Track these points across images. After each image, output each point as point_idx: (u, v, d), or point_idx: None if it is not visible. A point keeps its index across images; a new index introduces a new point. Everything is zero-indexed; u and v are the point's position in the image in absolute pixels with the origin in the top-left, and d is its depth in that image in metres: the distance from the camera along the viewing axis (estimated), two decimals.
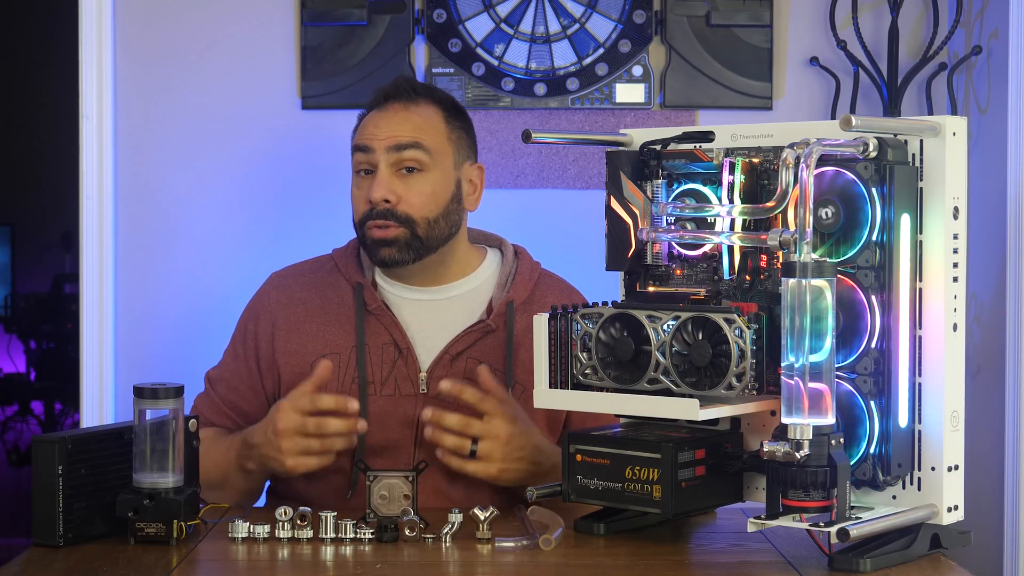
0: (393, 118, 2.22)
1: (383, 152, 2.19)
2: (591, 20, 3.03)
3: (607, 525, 1.91)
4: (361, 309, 2.22)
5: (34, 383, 6.97)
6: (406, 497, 1.89)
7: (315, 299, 2.26)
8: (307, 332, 2.24)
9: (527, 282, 2.26)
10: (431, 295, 2.26)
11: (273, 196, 3.06)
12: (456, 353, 2.20)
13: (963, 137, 1.77)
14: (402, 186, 2.19)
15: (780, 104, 3.06)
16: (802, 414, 1.67)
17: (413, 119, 2.22)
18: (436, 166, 2.21)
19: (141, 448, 1.86)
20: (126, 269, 3.05)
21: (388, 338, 2.21)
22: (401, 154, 2.19)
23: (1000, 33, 2.85)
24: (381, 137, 2.20)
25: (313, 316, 2.25)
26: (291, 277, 2.31)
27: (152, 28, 3.05)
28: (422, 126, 2.21)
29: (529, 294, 2.26)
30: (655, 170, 1.92)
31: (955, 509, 1.77)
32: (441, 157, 2.22)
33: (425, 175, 2.20)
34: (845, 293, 1.76)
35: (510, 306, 2.22)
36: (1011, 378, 2.70)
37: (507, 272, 2.28)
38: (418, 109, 2.23)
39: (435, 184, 2.21)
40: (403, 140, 2.19)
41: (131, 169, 3.06)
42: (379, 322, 2.22)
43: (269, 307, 2.28)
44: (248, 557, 1.81)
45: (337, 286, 2.27)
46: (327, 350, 2.22)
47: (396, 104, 2.23)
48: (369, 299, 2.23)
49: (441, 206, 2.21)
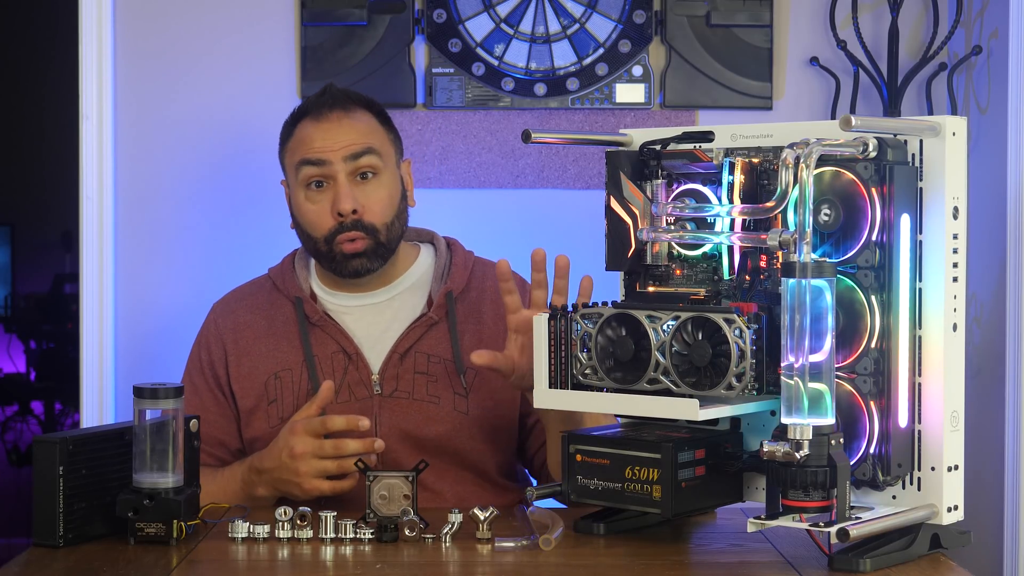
0: (339, 127, 2.23)
1: (340, 162, 2.21)
2: (591, 20, 3.03)
3: (607, 525, 1.91)
4: (304, 323, 2.25)
5: (34, 383, 6.96)
6: (406, 497, 1.89)
7: (260, 321, 2.29)
8: (257, 353, 2.27)
9: (462, 271, 2.30)
10: (372, 298, 2.29)
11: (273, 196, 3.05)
12: (404, 350, 2.24)
13: (963, 137, 1.77)
14: (362, 195, 2.22)
15: (780, 104, 3.06)
16: (802, 414, 1.67)
17: (358, 126, 2.24)
18: (386, 168, 2.25)
19: (141, 448, 1.86)
20: (126, 269, 3.05)
21: (336, 347, 2.24)
22: (357, 161, 2.22)
23: (1000, 33, 2.85)
24: (334, 147, 2.21)
25: (260, 337, 2.28)
26: (234, 303, 2.34)
27: (152, 28, 3.05)
28: (367, 131, 2.25)
29: (466, 283, 2.30)
30: (655, 170, 1.92)
31: (955, 509, 1.77)
32: (388, 159, 2.26)
33: (380, 179, 2.24)
34: (845, 293, 1.76)
35: (449, 296, 2.26)
36: (1011, 378, 2.70)
37: (442, 264, 2.32)
38: (358, 116, 2.26)
39: (389, 187, 2.25)
40: (357, 148, 2.22)
41: (131, 169, 3.06)
42: (324, 332, 2.25)
43: (218, 334, 2.30)
44: (248, 557, 1.82)
45: (279, 304, 2.29)
46: (278, 367, 2.24)
47: (335, 112, 2.24)
48: (310, 311, 2.26)
49: (395, 208, 2.26)
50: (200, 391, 2.28)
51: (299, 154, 2.24)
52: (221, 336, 2.29)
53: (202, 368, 2.30)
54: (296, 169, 2.24)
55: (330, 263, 2.25)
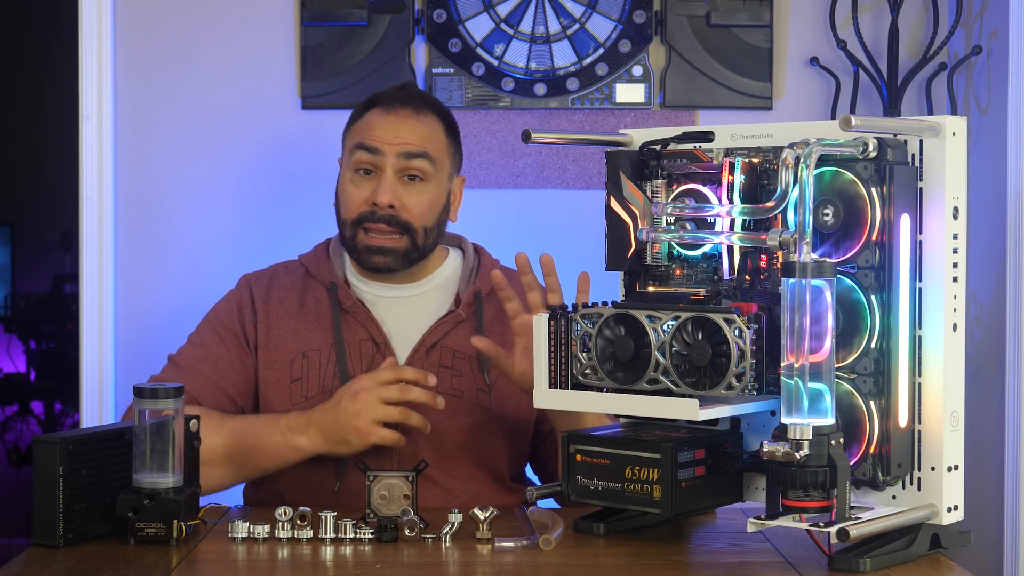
0: (403, 124, 2.26)
1: (392, 157, 2.23)
2: (591, 20, 3.03)
3: (607, 525, 1.91)
4: (337, 308, 2.26)
5: (34, 383, 6.96)
6: (406, 497, 1.89)
7: (293, 298, 2.30)
8: (287, 330, 2.27)
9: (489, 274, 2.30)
10: (402, 291, 2.31)
11: (273, 196, 3.06)
12: (431, 344, 2.25)
13: (963, 137, 1.77)
14: (404, 193, 2.24)
15: (780, 104, 3.06)
16: (802, 414, 1.67)
17: (422, 129, 2.26)
18: (436, 177, 2.27)
19: (141, 448, 1.86)
20: (126, 269, 3.05)
21: (365, 334, 2.25)
22: (409, 162, 2.24)
23: (1000, 33, 2.85)
24: (392, 142, 2.24)
25: (291, 315, 2.28)
26: (267, 278, 2.35)
27: (152, 28, 3.05)
28: (430, 137, 2.27)
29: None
30: (655, 170, 1.92)
31: (955, 509, 1.77)
32: (441, 169, 2.28)
33: (427, 185, 2.26)
34: (845, 293, 1.76)
35: (478, 295, 2.29)
36: (1011, 378, 2.70)
37: (469, 267, 2.35)
38: (426, 119, 2.28)
39: (433, 195, 2.27)
40: (413, 149, 2.24)
41: (131, 169, 3.06)
42: (355, 319, 2.26)
43: (252, 300, 2.31)
44: (248, 557, 1.82)
45: (312, 288, 2.31)
46: (306, 348, 2.25)
47: (406, 110, 2.27)
48: (344, 297, 2.27)
49: (436, 216, 2.28)
50: (225, 340, 2.28)
51: (358, 137, 2.27)
52: (254, 302, 2.30)
53: (232, 322, 2.29)
54: (351, 151, 2.27)
55: (352, 251, 2.27)
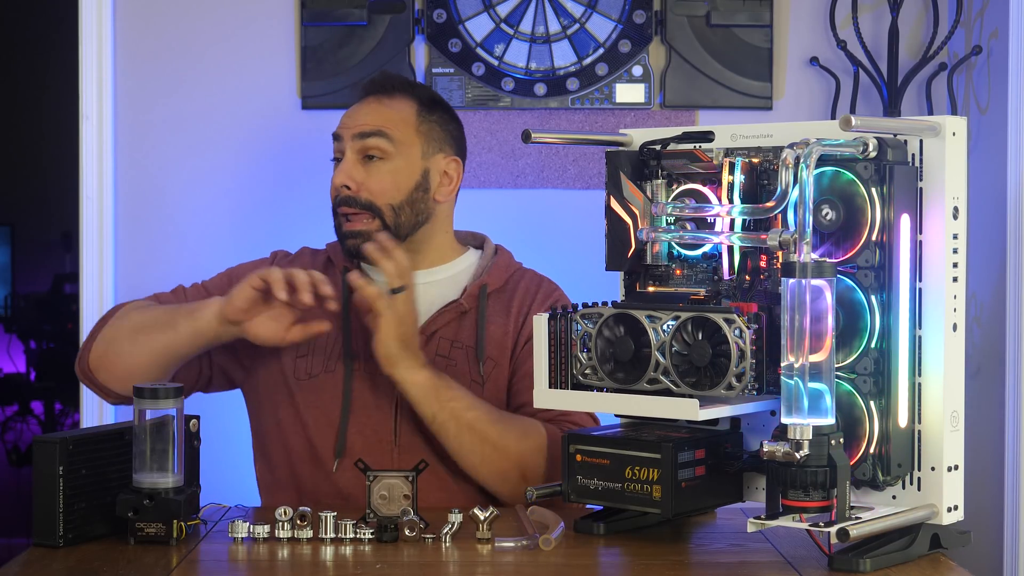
0: (364, 108, 2.30)
1: (349, 140, 2.27)
2: (591, 20, 3.03)
3: (607, 525, 1.91)
4: (347, 291, 2.27)
5: (34, 383, 6.96)
6: (406, 497, 1.89)
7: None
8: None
9: (502, 272, 2.33)
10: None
11: (273, 196, 3.06)
12: (430, 333, 2.26)
13: (963, 137, 1.77)
14: (363, 173, 2.26)
15: (780, 104, 3.06)
16: (802, 414, 1.67)
17: (384, 111, 2.29)
18: (399, 155, 2.27)
19: (141, 448, 1.86)
20: (126, 269, 3.05)
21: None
22: (365, 141, 2.26)
23: (1000, 33, 2.85)
24: (350, 126, 2.28)
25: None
26: (295, 258, 2.40)
27: (152, 28, 3.05)
28: (391, 117, 2.28)
29: (503, 283, 2.32)
30: (655, 170, 1.92)
31: (955, 509, 1.77)
32: (406, 147, 2.28)
33: (385, 163, 2.27)
34: (845, 293, 1.76)
35: (483, 289, 2.29)
36: (1011, 378, 2.70)
37: (484, 264, 2.35)
38: (392, 102, 2.30)
39: (396, 172, 2.27)
40: (367, 128, 2.27)
41: (131, 169, 3.06)
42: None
43: (281, 266, 2.31)
44: (248, 557, 1.82)
45: (330, 273, 2.32)
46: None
47: (372, 97, 2.31)
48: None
49: (404, 193, 2.27)
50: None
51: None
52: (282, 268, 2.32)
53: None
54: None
55: (339, 237, 2.30)
